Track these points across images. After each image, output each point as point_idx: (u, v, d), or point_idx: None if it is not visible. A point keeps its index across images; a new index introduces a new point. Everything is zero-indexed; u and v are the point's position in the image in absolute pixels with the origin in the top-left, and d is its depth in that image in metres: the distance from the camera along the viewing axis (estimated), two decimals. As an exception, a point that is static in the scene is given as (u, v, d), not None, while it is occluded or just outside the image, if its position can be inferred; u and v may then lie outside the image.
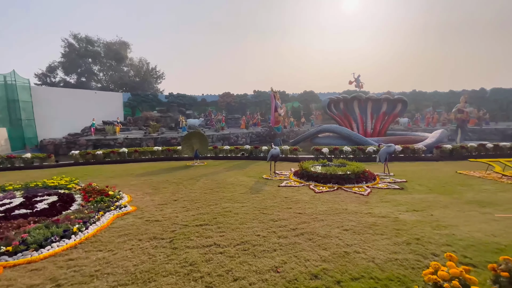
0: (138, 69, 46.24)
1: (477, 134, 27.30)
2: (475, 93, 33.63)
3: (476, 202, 5.19)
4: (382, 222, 4.15)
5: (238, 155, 14.15)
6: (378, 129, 21.70)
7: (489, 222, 4.08)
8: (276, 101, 16.42)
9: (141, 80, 45.08)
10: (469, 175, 7.84)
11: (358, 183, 7.03)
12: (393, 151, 8.43)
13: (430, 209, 4.79)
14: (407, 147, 13.08)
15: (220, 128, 27.66)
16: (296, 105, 35.61)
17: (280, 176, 8.32)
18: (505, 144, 13.46)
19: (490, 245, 3.25)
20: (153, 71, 47.59)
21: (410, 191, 6.27)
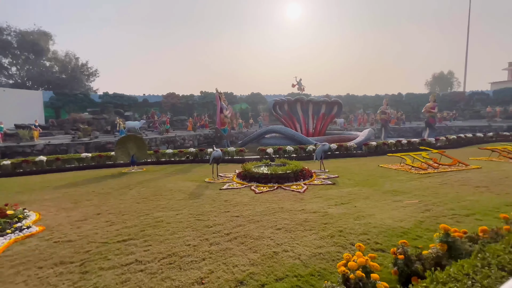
0: (64, 65, 40.24)
1: (397, 132, 31.79)
2: (394, 97, 39.40)
3: (391, 192, 5.95)
4: (313, 218, 4.37)
5: (183, 158, 13.46)
6: (318, 129, 23.40)
7: (399, 209, 4.70)
8: (221, 102, 16.21)
9: (68, 77, 39.33)
10: (388, 168, 9.02)
11: (296, 181, 7.37)
12: (327, 149, 9.15)
13: (354, 201, 5.28)
14: (341, 145, 14.38)
15: (165, 131, 26.00)
16: (244, 107, 35.96)
17: (224, 179, 8.17)
18: (415, 140, 16.04)
19: (397, 230, 3.71)
20: (84, 67, 42.04)
21: (341, 185, 6.85)
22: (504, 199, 5.02)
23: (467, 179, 6.85)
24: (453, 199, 5.12)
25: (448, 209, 4.54)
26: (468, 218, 4.08)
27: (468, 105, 35.70)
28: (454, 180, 6.87)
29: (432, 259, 2.39)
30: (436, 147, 15.92)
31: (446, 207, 4.68)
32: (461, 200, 5.04)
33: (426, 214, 4.31)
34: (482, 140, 18.23)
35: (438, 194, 5.59)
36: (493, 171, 7.79)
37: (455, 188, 6.06)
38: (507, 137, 18.89)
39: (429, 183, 6.68)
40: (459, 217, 4.13)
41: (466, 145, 16.46)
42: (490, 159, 9.94)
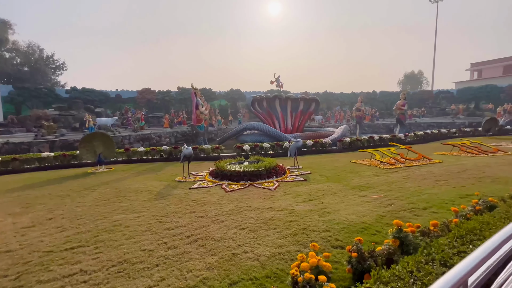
0: (27, 56, 37.11)
1: (371, 128, 33.02)
2: (369, 94, 40.90)
3: (358, 187, 6.08)
4: (279, 216, 4.32)
5: (156, 157, 12.96)
6: (297, 126, 23.66)
7: (363, 204, 4.79)
8: (197, 98, 15.78)
9: (31, 70, 36.34)
10: (359, 163, 9.27)
11: (269, 178, 7.32)
12: (301, 146, 9.21)
13: (322, 198, 5.31)
14: (317, 141, 14.60)
15: (139, 128, 24.95)
16: (223, 103, 35.47)
17: (195, 177, 7.92)
18: (386, 136, 16.71)
19: (359, 225, 3.75)
20: (49, 59, 39.09)
21: (312, 181, 6.90)
22: (460, 191, 5.30)
23: (429, 173, 7.19)
24: (414, 193, 5.33)
25: (408, 203, 4.70)
26: (426, 211, 4.24)
27: (435, 103, 37.98)
28: (417, 174, 7.19)
29: (384, 255, 2.41)
30: (406, 143, 16.73)
31: (407, 201, 4.85)
32: (421, 194, 5.25)
33: (388, 208, 4.42)
34: (446, 136, 19.45)
35: (401, 188, 5.79)
36: (452, 164, 8.26)
37: (417, 182, 6.32)
38: (468, 133, 20.31)
39: (394, 177, 6.93)
40: (418, 211, 4.28)
41: (432, 141, 17.46)
42: (451, 154, 10.58)
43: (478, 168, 7.47)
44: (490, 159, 8.92)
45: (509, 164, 7.97)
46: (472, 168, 7.59)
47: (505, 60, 39.58)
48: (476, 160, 8.82)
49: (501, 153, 10.27)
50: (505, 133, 19.91)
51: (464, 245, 2.10)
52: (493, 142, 14.86)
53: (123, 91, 31.65)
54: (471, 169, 7.41)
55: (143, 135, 23.63)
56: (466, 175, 6.73)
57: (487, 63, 41.92)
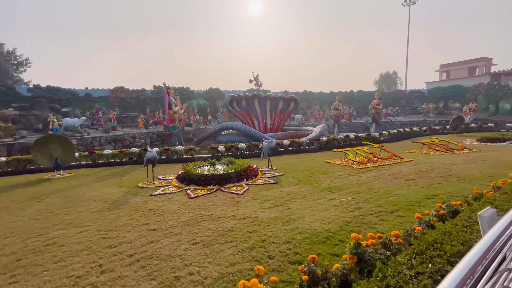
0: (-16, 51, 33.93)
1: (349, 127, 33.71)
2: (346, 94, 41.82)
3: (329, 189, 5.88)
4: (240, 226, 3.95)
5: (124, 160, 12.14)
6: (276, 125, 23.49)
7: (331, 208, 4.55)
8: (170, 97, 15.03)
9: (-12, 66, 33.26)
10: (333, 163, 9.16)
11: (239, 181, 6.94)
12: (274, 146, 8.93)
13: (290, 202, 5.03)
14: (294, 141, 14.46)
15: (111, 129, 23.55)
16: (202, 103, 34.56)
17: (161, 182, 7.37)
18: (362, 135, 16.96)
19: (322, 234, 3.49)
20: (11, 55, 36.02)
21: (283, 184, 6.61)
22: (427, 192, 5.25)
23: (399, 172, 7.18)
24: (383, 195, 5.20)
25: (376, 206, 4.53)
26: (392, 215, 4.08)
27: (408, 102, 39.61)
28: (388, 173, 7.15)
29: (339, 276, 2.12)
30: (380, 141, 17.10)
31: (375, 203, 4.69)
32: (390, 195, 5.14)
33: (355, 213, 4.21)
34: (418, 134, 20.20)
35: (371, 189, 5.66)
36: (422, 163, 8.37)
37: (387, 182, 6.25)
38: (437, 131, 21.25)
39: (366, 178, 6.83)
40: (384, 215, 4.11)
41: (405, 139, 17.99)
42: (421, 152, 10.83)
43: (445, 166, 7.59)
44: (456, 157, 9.18)
45: (473, 161, 8.21)
46: (439, 166, 7.70)
47: (469, 62, 42.17)
48: (444, 158, 9.03)
49: (466, 150, 10.65)
50: (470, 130, 21.08)
51: (423, 264, 1.85)
52: (459, 139, 15.57)
53: (93, 89, 29.78)
54: (438, 168, 7.51)
55: (115, 136, 22.37)
56: (434, 174, 6.78)
57: (454, 65, 44.44)
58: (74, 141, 19.68)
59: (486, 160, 8.28)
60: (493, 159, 8.39)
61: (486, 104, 30.02)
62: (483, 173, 6.58)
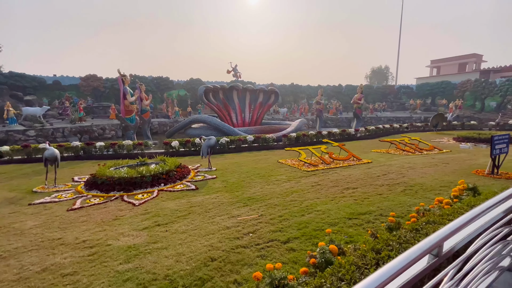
0: None
1: (334, 122, 32.74)
2: (335, 88, 40.72)
3: (247, 199, 4.82)
4: (67, 261, 2.85)
5: (66, 154, 10.95)
6: (255, 119, 22.35)
7: (216, 232, 3.47)
8: (125, 86, 13.69)
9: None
10: (284, 164, 8.12)
11: (153, 187, 5.83)
12: (213, 144, 7.82)
13: (180, 220, 3.95)
14: (259, 137, 13.39)
15: (77, 119, 22.07)
16: (182, 93, 33.07)
17: (67, 186, 6.21)
18: (336, 131, 15.97)
19: (160, 285, 2.40)
20: (-22, 38, 33.63)
21: (202, 191, 5.53)
22: (357, 207, 4.22)
23: (345, 178, 6.16)
24: (301, 211, 4.15)
25: (276, 230, 3.48)
26: (283, 247, 3.03)
27: (396, 97, 38.77)
28: (332, 179, 6.13)
29: None
30: (356, 138, 16.14)
31: (279, 225, 3.64)
32: (308, 212, 4.10)
33: (239, 242, 3.14)
34: (399, 131, 19.30)
35: (294, 202, 4.62)
36: (378, 165, 7.38)
37: (322, 191, 5.21)
38: (419, 128, 20.42)
39: (303, 184, 5.79)
40: (273, 247, 3.04)
41: (384, 135, 17.04)
42: (388, 151, 9.86)
43: (400, 171, 6.60)
44: (421, 159, 8.22)
45: (435, 165, 7.24)
46: (395, 170, 6.71)
47: (460, 58, 41.30)
48: (406, 160, 8.06)
49: (436, 151, 9.73)
50: (453, 128, 20.28)
51: None
52: (437, 138, 14.70)
53: (63, 77, 28.00)
54: (393, 172, 6.52)
55: (81, 127, 20.98)
56: (382, 181, 5.78)
57: (445, 61, 43.56)
58: (32, 132, 18.29)
59: (450, 164, 7.33)
60: (458, 163, 7.44)
61: (473, 101, 29.33)
62: (438, 181, 5.60)
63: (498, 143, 5.60)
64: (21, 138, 17.69)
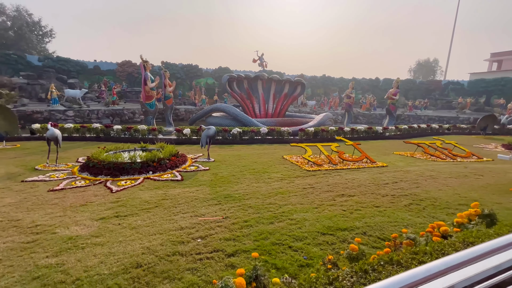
0: (14, 21, 35.68)
1: (367, 118, 30.48)
2: (371, 81, 37.65)
3: (224, 197, 4.44)
4: (10, 245, 2.77)
5: (88, 135, 11.71)
6: (278, 110, 21.67)
7: (166, 233, 3.14)
8: (146, 72, 14.01)
9: (16, 35, 35.04)
10: (287, 160, 7.54)
11: (140, 174, 5.75)
12: (213, 134, 7.50)
13: (141, 213, 3.72)
14: (273, 129, 12.86)
15: (111, 103, 23.56)
16: (210, 82, 33.41)
17: (67, 165, 6.46)
18: (360, 128, 14.65)
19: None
20: (36, 26, 37.58)
21: (186, 183, 5.29)
22: (339, 221, 3.56)
23: (346, 182, 5.41)
24: (275, 216, 3.64)
25: (234, 236, 3.04)
26: (227, 260, 2.57)
27: (443, 94, 34.57)
28: (331, 182, 5.42)
29: None
30: (384, 137, 14.66)
31: (241, 232, 3.19)
32: (282, 219, 3.57)
33: (178, 248, 2.77)
34: (438, 132, 17.10)
35: (273, 205, 4.10)
36: (393, 171, 6.40)
37: (311, 196, 4.59)
38: (464, 130, 17.86)
39: (296, 185, 5.21)
40: (218, 257, 2.61)
41: (417, 136, 15.24)
42: (412, 155, 8.61)
43: (416, 180, 5.61)
44: (449, 167, 6.97)
45: (463, 175, 6.03)
46: (410, 178, 5.73)
47: (530, 50, 35.01)
48: (430, 167, 6.89)
49: (474, 158, 8.23)
50: (507, 133, 17.30)
51: None
52: (482, 143, 12.63)
53: (101, 62, 30.02)
54: (406, 180, 5.57)
55: (113, 110, 22.36)
56: (388, 190, 4.93)
57: (509, 54, 37.30)
58: (71, 113, 19.99)
59: (485, 176, 6.05)
60: (495, 175, 6.12)
61: (540, 103, 24.74)
62: (458, 197, 4.58)
63: (549, 157, 4.35)
64: (61, 117, 19.38)
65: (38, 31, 37.98)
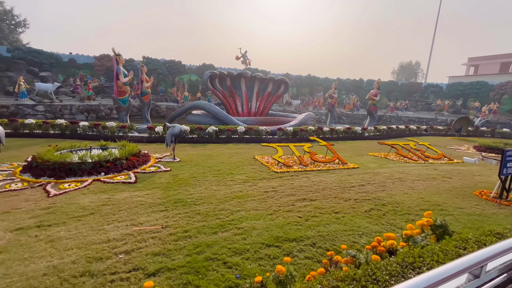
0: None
1: (350, 118, 30.74)
2: (355, 82, 38.09)
3: (179, 202, 4.05)
4: None
5: (52, 132, 10.91)
6: (261, 109, 21.34)
7: (91, 246, 2.74)
8: (118, 66, 13.24)
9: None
10: (258, 160, 7.22)
11: (91, 175, 5.24)
12: (178, 133, 7.06)
13: (70, 222, 3.26)
14: (251, 128, 12.54)
15: (86, 98, 22.40)
16: (194, 78, 32.61)
17: (13, 165, 5.83)
18: (340, 128, 14.59)
19: None
20: (8, 14, 35.29)
21: (139, 185, 4.84)
22: (288, 230, 3.27)
23: (312, 185, 5.15)
24: (222, 225, 3.30)
25: (165, 250, 2.67)
26: (144, 281, 2.21)
27: (423, 96, 35.51)
28: (295, 185, 5.14)
29: None
30: (363, 137, 14.68)
31: (175, 244, 2.83)
32: (229, 228, 3.23)
33: (90, 267, 2.37)
34: (415, 133, 17.40)
35: (224, 212, 3.75)
36: (362, 173, 6.22)
37: (271, 200, 4.29)
38: (440, 132, 18.29)
39: (257, 188, 4.88)
40: (136, 277, 2.25)
41: (396, 137, 15.39)
42: (386, 156, 8.53)
43: (384, 182, 5.44)
44: (419, 168, 6.89)
45: (431, 178, 5.93)
46: (378, 181, 5.55)
47: (503, 57, 36.48)
48: (400, 169, 6.78)
49: (446, 160, 8.24)
50: (481, 134, 17.86)
51: None
52: (455, 144, 12.87)
53: (78, 55, 28.51)
54: (374, 183, 5.38)
55: (89, 106, 21.25)
56: (352, 193, 4.71)
57: (485, 59, 38.81)
58: (41, 107, 18.79)
59: (453, 179, 5.99)
60: (463, 178, 6.07)
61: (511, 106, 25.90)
62: (422, 201, 4.42)
63: (511, 160, 4.27)
64: (30, 112, 18.14)
65: (10, 20, 35.67)
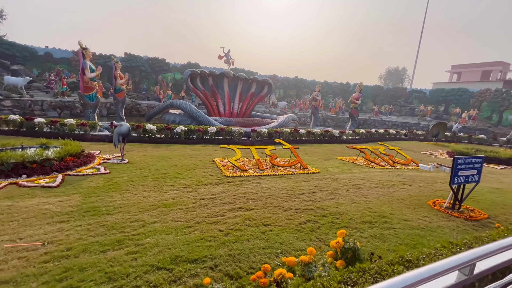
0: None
1: (335, 121, 30.70)
2: (342, 86, 38.22)
3: (84, 212, 3.52)
4: None
5: (5, 128, 10.12)
6: (244, 110, 20.89)
7: None
8: (85, 60, 12.51)
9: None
10: (215, 163, 6.75)
11: (8, 178, 4.63)
12: (126, 132, 6.51)
13: None
14: (223, 129, 12.07)
15: (60, 94, 21.37)
16: (178, 77, 31.86)
17: None
18: (316, 131, 14.30)
19: None
20: (-17, 4, 33.58)
21: (61, 190, 4.29)
22: (196, 247, 2.81)
23: (259, 191, 4.72)
24: (124, 239, 2.81)
25: (21, 277, 2.16)
26: None
27: (407, 101, 35.97)
28: (241, 191, 4.70)
29: None
30: (341, 141, 14.45)
31: (44, 267, 2.33)
32: (130, 244, 2.75)
33: None
34: (395, 137, 17.39)
35: (137, 223, 3.26)
36: (320, 178, 5.84)
37: (201, 209, 3.82)
38: (419, 136, 18.33)
39: (196, 194, 4.41)
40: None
41: (375, 141, 15.25)
42: (354, 160, 8.23)
43: (337, 190, 5.06)
44: (382, 174, 6.59)
45: (391, 185, 5.61)
46: (333, 188, 5.18)
47: (484, 65, 37.50)
48: (363, 174, 6.46)
49: (413, 165, 8.01)
50: (458, 140, 17.99)
51: None
52: (430, 149, 12.79)
53: (55, 49, 27.34)
54: (326, 190, 5.00)
55: (62, 102, 20.24)
56: (298, 202, 4.30)
57: (468, 66, 39.79)
58: (8, 103, 17.73)
59: (413, 186, 5.69)
60: (422, 185, 5.78)
61: (490, 113, 26.44)
62: (368, 211, 4.06)
63: (463, 169, 3.96)
64: (-5, 107, 17.11)
65: (-15, 10, 33.91)
